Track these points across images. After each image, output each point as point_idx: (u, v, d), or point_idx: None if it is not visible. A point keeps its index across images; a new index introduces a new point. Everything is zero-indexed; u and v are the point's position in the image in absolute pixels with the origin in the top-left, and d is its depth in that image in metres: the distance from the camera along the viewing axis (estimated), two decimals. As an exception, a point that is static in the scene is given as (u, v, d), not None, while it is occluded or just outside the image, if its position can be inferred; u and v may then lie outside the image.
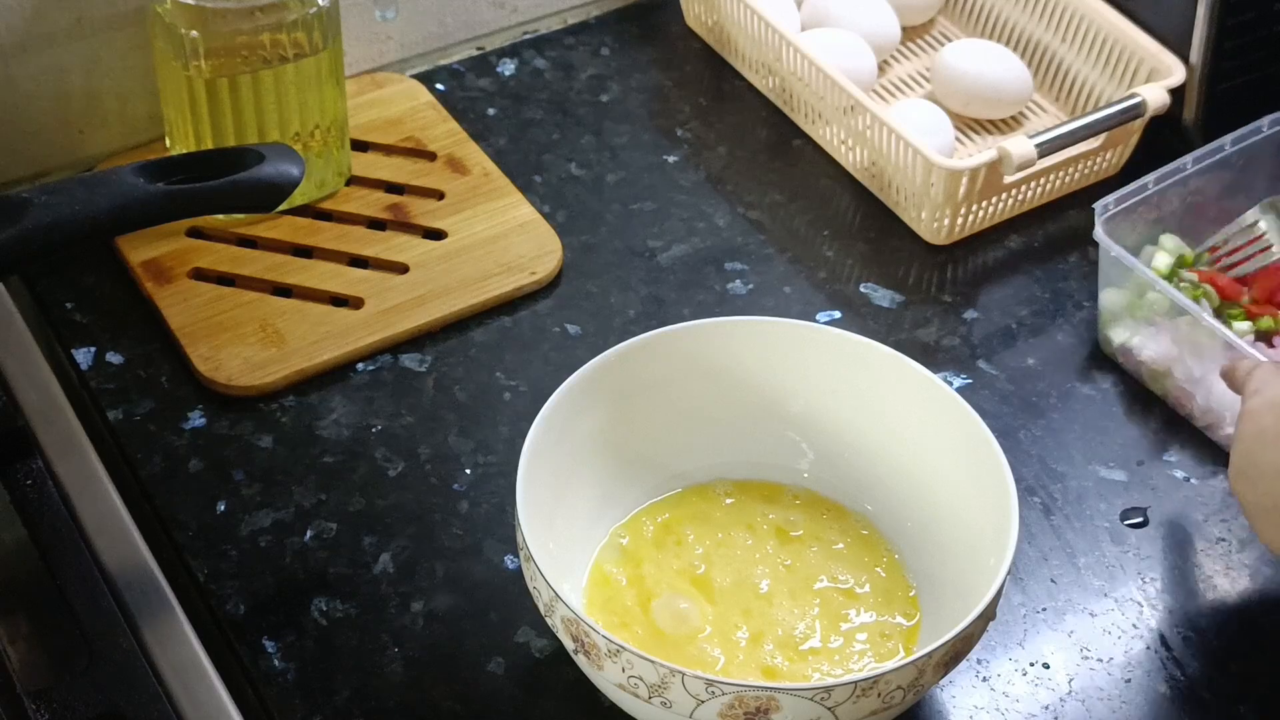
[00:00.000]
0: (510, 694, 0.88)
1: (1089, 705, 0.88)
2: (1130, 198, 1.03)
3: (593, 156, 1.18)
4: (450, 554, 0.94)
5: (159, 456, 0.98)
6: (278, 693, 0.88)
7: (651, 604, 0.89)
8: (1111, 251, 1.01)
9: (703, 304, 1.08)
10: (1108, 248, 1.01)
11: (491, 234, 1.11)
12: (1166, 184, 1.04)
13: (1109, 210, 1.02)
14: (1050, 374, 1.05)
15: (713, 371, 0.94)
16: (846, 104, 1.13)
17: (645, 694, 0.79)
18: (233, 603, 0.91)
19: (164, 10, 1.03)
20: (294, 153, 0.91)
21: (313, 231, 1.11)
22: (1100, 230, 1.01)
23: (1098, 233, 1.01)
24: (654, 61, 1.26)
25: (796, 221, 1.14)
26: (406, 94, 1.20)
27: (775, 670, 0.86)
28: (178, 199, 0.88)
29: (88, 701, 0.83)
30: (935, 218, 1.11)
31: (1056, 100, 1.22)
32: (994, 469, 0.86)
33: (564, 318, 1.07)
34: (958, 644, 0.80)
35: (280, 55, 1.05)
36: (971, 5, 1.27)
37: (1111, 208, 1.02)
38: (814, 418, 0.95)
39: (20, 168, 1.13)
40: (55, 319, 1.06)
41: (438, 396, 1.02)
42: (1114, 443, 1.01)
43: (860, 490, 0.94)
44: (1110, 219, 1.02)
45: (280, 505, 0.96)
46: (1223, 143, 1.06)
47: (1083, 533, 0.96)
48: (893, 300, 1.09)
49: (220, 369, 1.02)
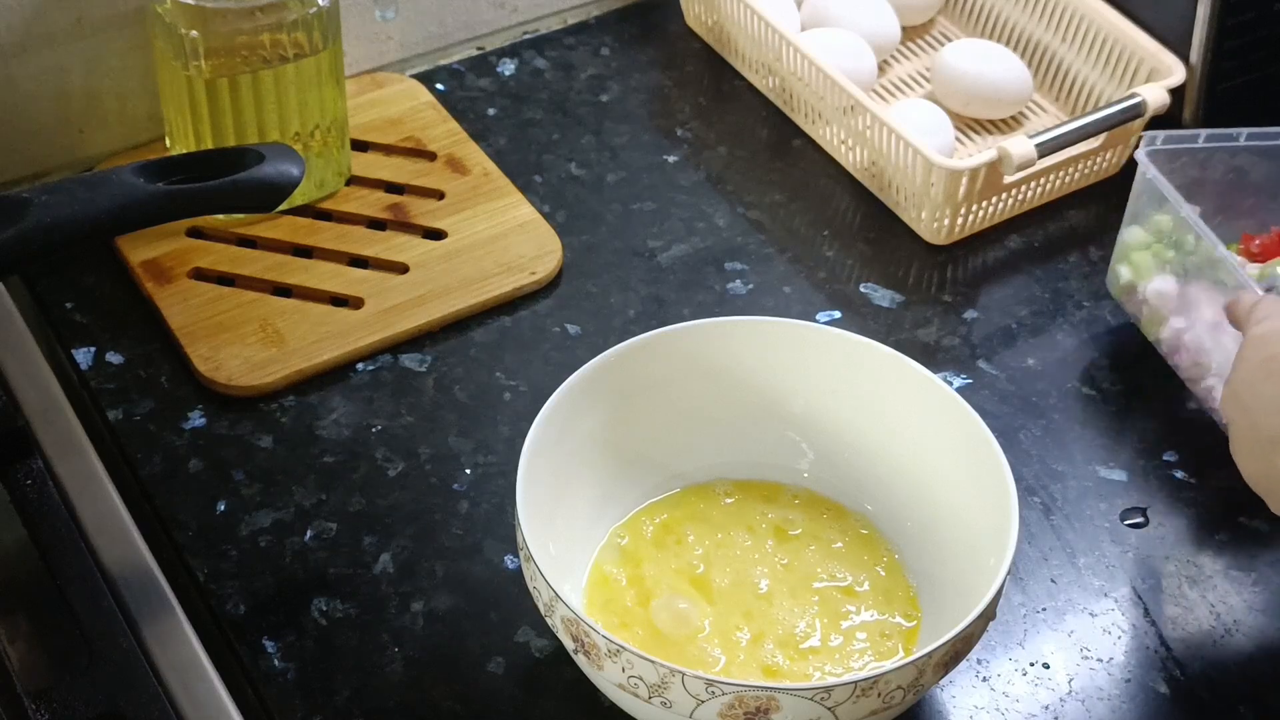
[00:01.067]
0: (510, 694, 0.88)
1: (1089, 705, 0.88)
2: (1179, 141, 1.02)
3: (593, 156, 1.18)
4: (450, 554, 0.94)
5: (159, 456, 0.98)
6: (278, 693, 0.88)
7: (651, 604, 0.89)
8: (1149, 174, 1.00)
9: (703, 304, 1.08)
10: (1152, 176, 1.00)
11: (491, 234, 1.11)
12: (1215, 145, 1.03)
13: (1155, 143, 1.01)
14: (1050, 374, 1.05)
15: (713, 371, 0.94)
16: (846, 104, 1.14)
17: (645, 694, 0.79)
18: (233, 603, 0.91)
19: (164, 10, 1.03)
20: (294, 153, 0.91)
21: (313, 231, 1.11)
22: (1144, 154, 1.00)
23: (1140, 156, 1.00)
24: (654, 61, 1.26)
25: (796, 221, 1.14)
26: (406, 94, 1.20)
27: (775, 670, 0.87)
28: (178, 199, 0.88)
29: (88, 701, 0.83)
30: (935, 218, 1.11)
31: (1056, 100, 1.22)
32: (994, 469, 0.86)
33: (564, 318, 1.07)
34: (958, 644, 0.80)
35: (280, 55, 1.05)
36: (971, 5, 1.27)
37: (1159, 143, 1.01)
38: (814, 418, 0.95)
39: (20, 167, 1.13)
40: (55, 319, 1.06)
41: (438, 396, 1.02)
42: (1114, 443, 1.01)
43: (860, 490, 0.94)
44: (1152, 155, 1.01)
45: (280, 505, 0.96)
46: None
47: (1083, 533, 0.96)
48: (893, 300, 1.09)
49: (220, 369, 1.02)
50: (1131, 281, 1.04)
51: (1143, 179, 1.02)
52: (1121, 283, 1.05)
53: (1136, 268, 1.04)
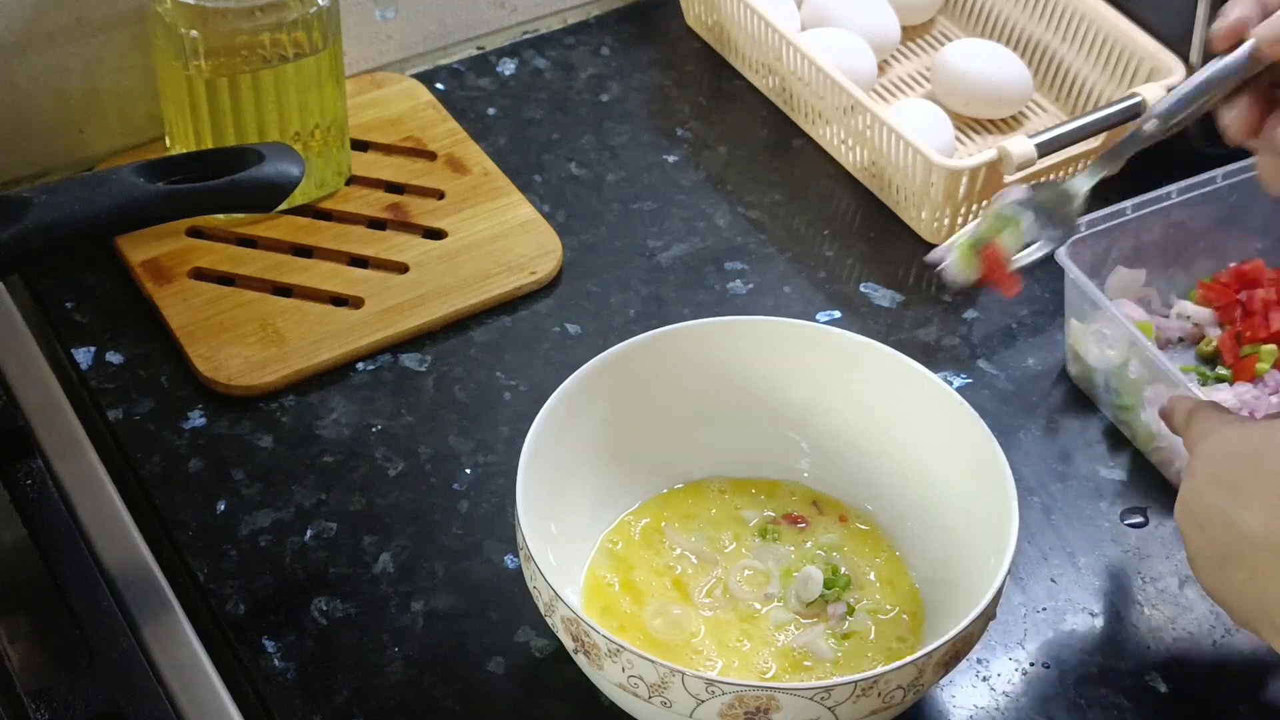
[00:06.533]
0: (510, 694, 0.88)
1: (1089, 705, 0.88)
2: (1106, 220, 1.01)
3: (593, 156, 1.18)
4: (450, 554, 0.94)
5: (159, 456, 0.98)
6: (278, 692, 0.88)
7: (645, 606, 0.89)
8: (1071, 275, 0.98)
9: (703, 304, 1.08)
10: (1074, 278, 0.98)
11: (491, 234, 1.11)
12: (1147, 211, 1.02)
13: (1079, 232, 0.98)
14: (1051, 374, 1.05)
15: (713, 371, 0.94)
16: (846, 104, 1.14)
17: (645, 694, 0.79)
18: (233, 603, 0.91)
19: (164, 10, 1.03)
20: (294, 152, 0.91)
21: (313, 231, 1.11)
22: (1063, 253, 0.97)
23: (1061, 257, 0.97)
24: (654, 61, 1.26)
25: (796, 221, 1.14)
26: (406, 94, 1.20)
27: (774, 670, 0.86)
28: (178, 199, 0.88)
29: (88, 701, 0.83)
30: (935, 217, 1.11)
31: (1056, 100, 1.22)
32: (994, 469, 0.86)
33: (564, 317, 1.07)
34: (958, 644, 0.80)
35: (280, 55, 1.05)
36: (971, 5, 1.27)
37: (1082, 230, 0.99)
38: (814, 417, 0.95)
39: (20, 167, 1.13)
40: (55, 319, 1.06)
41: (438, 396, 1.02)
42: (1114, 443, 1.01)
43: (860, 489, 0.94)
44: (1080, 241, 0.99)
45: (280, 505, 0.96)
46: (1214, 175, 1.03)
47: (1083, 533, 0.96)
48: (893, 300, 1.09)
49: (220, 369, 1.02)
50: (1083, 372, 1.02)
51: (1068, 279, 0.99)
52: (1075, 372, 1.03)
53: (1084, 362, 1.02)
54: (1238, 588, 0.79)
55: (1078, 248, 0.99)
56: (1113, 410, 1.01)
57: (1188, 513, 0.82)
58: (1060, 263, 0.98)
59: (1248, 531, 0.77)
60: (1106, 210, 1.01)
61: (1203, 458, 0.82)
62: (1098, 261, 1.02)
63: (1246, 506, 0.78)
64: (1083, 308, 0.99)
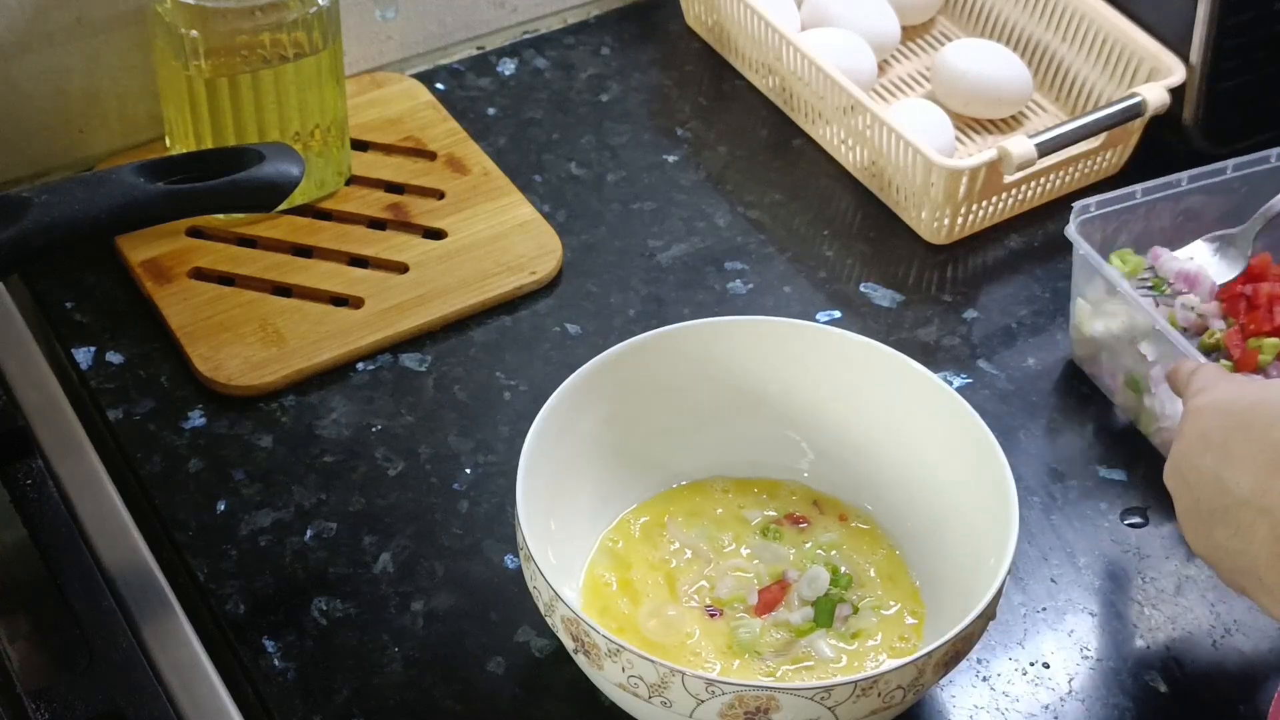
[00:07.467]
0: (510, 694, 0.88)
1: (1089, 705, 0.88)
2: (1116, 201, 1.01)
3: (593, 156, 1.18)
4: (450, 554, 0.94)
5: (159, 456, 0.98)
6: (278, 692, 0.88)
7: (640, 607, 0.89)
8: (1080, 250, 0.98)
9: (703, 304, 1.08)
10: (1084, 254, 0.98)
11: (491, 234, 1.11)
12: (1157, 196, 1.02)
13: (1089, 212, 1.00)
14: (1050, 374, 1.05)
15: (713, 371, 0.94)
16: (846, 104, 1.14)
17: (645, 693, 0.79)
18: (233, 602, 0.91)
19: (164, 10, 1.03)
20: (294, 152, 0.91)
21: (313, 231, 1.11)
22: (1073, 229, 0.98)
23: (1070, 231, 0.98)
24: (654, 61, 1.26)
25: (796, 221, 1.14)
26: (406, 94, 1.20)
27: (774, 670, 0.86)
28: (178, 199, 0.88)
29: (88, 701, 0.83)
30: (935, 217, 1.11)
31: (1056, 100, 1.22)
32: (994, 469, 0.86)
33: (564, 317, 1.07)
34: (958, 643, 0.80)
35: (280, 55, 1.05)
36: (971, 5, 1.27)
37: (1092, 209, 1.00)
38: (814, 417, 0.95)
39: (20, 167, 1.13)
40: (55, 319, 1.06)
41: (438, 396, 1.02)
42: (1114, 443, 1.01)
43: (860, 489, 0.94)
44: (1089, 221, 0.99)
45: (280, 505, 0.96)
46: (1225, 165, 1.03)
47: (1083, 533, 0.96)
48: (893, 300, 1.09)
49: (220, 369, 1.02)
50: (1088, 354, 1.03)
51: (1077, 255, 1.00)
52: (1080, 353, 1.04)
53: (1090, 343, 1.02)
54: (1225, 545, 0.79)
55: (1087, 227, 1.00)
56: (1119, 393, 1.01)
57: (1177, 471, 0.82)
58: (1069, 238, 0.99)
59: (1235, 489, 0.78)
60: (1116, 193, 1.02)
61: (1194, 414, 0.82)
62: (1106, 243, 1.02)
63: (1234, 464, 0.78)
64: (1090, 285, 0.99)
